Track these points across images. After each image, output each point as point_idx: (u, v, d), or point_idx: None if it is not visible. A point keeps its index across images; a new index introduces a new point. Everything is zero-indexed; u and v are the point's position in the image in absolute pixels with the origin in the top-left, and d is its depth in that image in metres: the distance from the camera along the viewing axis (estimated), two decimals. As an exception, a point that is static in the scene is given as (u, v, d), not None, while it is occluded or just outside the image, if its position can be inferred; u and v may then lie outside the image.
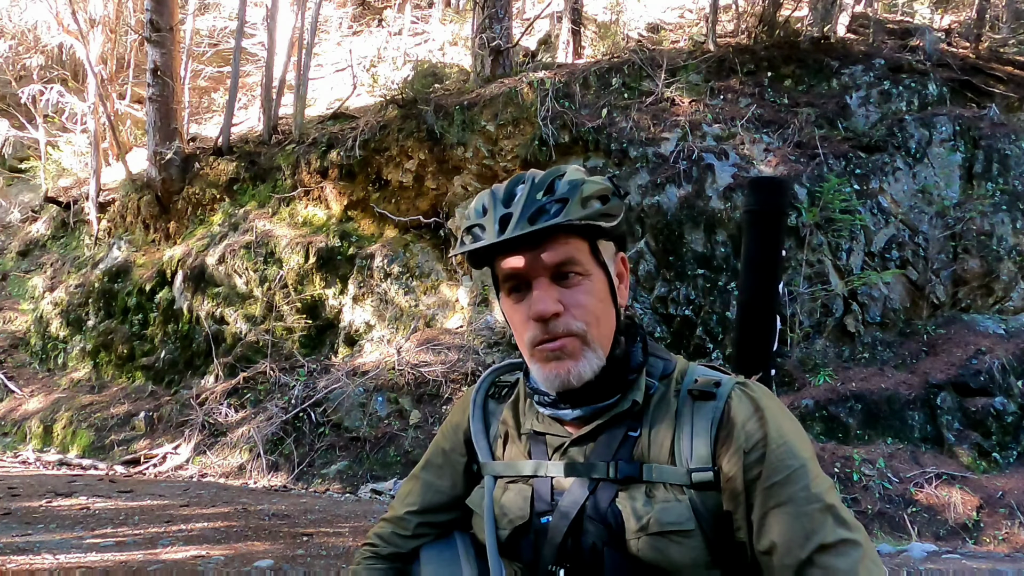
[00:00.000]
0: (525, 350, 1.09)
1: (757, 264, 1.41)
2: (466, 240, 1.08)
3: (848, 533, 0.94)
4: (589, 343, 1.04)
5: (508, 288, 1.08)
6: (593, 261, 1.07)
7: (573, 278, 1.05)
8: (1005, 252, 7.28)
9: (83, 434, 8.71)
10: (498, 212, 1.04)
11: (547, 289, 1.04)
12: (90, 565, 4.01)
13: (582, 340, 1.04)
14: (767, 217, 1.40)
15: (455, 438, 1.24)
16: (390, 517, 1.26)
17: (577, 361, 1.04)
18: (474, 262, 1.12)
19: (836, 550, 0.93)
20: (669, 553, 0.98)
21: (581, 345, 1.04)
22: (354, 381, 7.68)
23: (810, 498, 0.95)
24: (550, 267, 1.04)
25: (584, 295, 1.05)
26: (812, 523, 0.94)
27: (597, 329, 1.06)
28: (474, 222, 1.07)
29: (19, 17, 16.32)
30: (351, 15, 17.50)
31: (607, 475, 1.03)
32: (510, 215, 1.02)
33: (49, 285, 11.70)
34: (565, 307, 1.04)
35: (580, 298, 1.04)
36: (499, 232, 1.02)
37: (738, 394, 1.04)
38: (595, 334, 1.05)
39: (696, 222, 7.33)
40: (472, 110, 8.41)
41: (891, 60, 8.30)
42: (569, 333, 1.04)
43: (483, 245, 1.03)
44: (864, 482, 5.83)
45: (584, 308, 1.04)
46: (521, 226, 1.01)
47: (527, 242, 1.03)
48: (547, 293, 1.03)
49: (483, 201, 1.08)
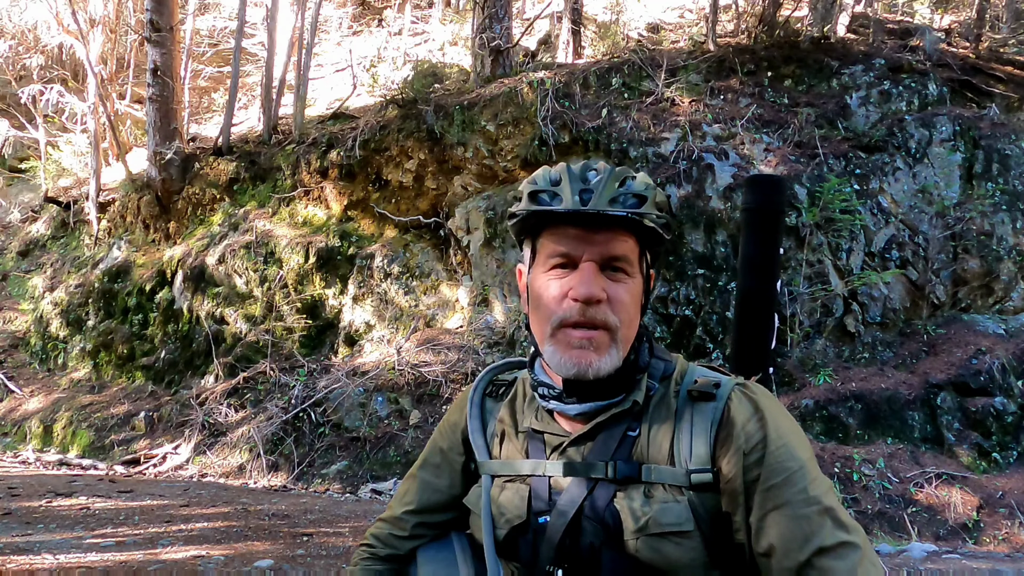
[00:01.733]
0: (546, 327, 1.07)
1: (755, 263, 1.41)
2: (529, 203, 1.06)
3: (847, 535, 0.94)
4: (616, 341, 1.05)
5: (555, 263, 1.06)
6: (639, 265, 1.08)
7: (620, 274, 1.06)
8: (1005, 252, 7.28)
9: (83, 434, 8.72)
10: (576, 185, 1.03)
11: (596, 275, 1.04)
12: (90, 565, 4.00)
13: (611, 336, 1.04)
14: (765, 215, 1.40)
15: (453, 437, 1.23)
16: (387, 517, 1.25)
17: (601, 356, 1.03)
18: (521, 228, 1.11)
19: (835, 553, 0.93)
20: (667, 553, 0.98)
21: (609, 341, 1.04)
22: (354, 381, 7.68)
23: (809, 500, 0.95)
24: (605, 256, 1.04)
25: (625, 293, 1.06)
26: (811, 525, 0.94)
27: (627, 329, 1.06)
28: (543, 188, 1.06)
29: (19, 17, 16.32)
30: (351, 15, 17.50)
31: (606, 475, 1.03)
32: (590, 192, 1.02)
33: (49, 285, 11.70)
34: (608, 298, 1.04)
35: (622, 294, 1.05)
36: (579, 203, 1.01)
37: (738, 395, 1.04)
38: (624, 334, 1.06)
39: (696, 222, 7.33)
40: (472, 110, 8.41)
41: (891, 60, 8.30)
42: (605, 325, 1.04)
43: (565, 209, 1.02)
44: (864, 482, 5.82)
45: (623, 305, 1.05)
46: (602, 206, 1.01)
47: (595, 222, 1.03)
48: (595, 278, 1.03)
49: (555, 172, 1.08)
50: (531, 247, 1.12)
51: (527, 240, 1.13)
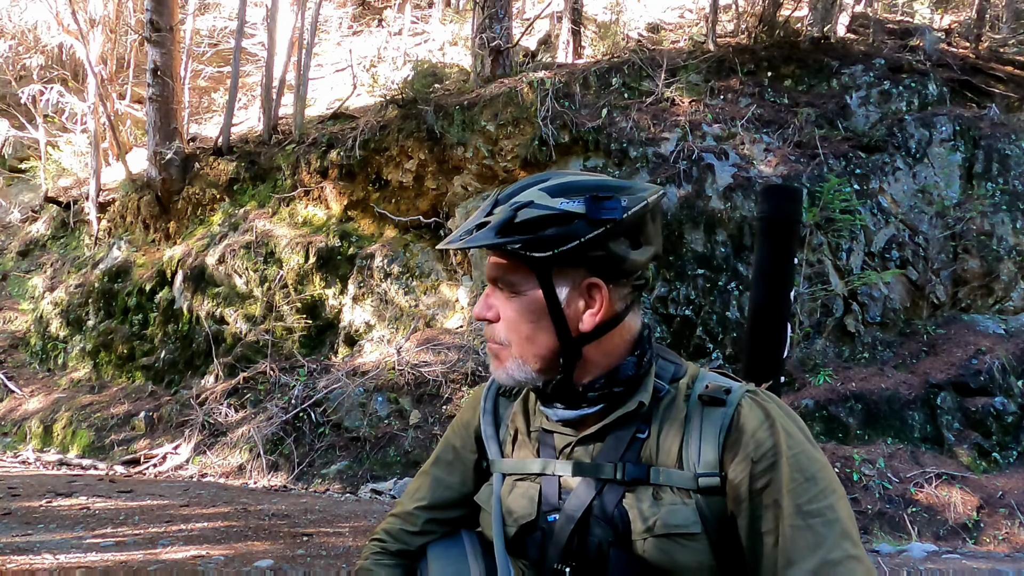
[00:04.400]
0: None
1: (769, 271, 1.41)
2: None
3: (853, 549, 0.94)
4: (513, 355, 1.07)
5: None
6: (531, 281, 1.05)
7: (506, 292, 1.08)
8: (1005, 252, 7.28)
9: (83, 434, 8.71)
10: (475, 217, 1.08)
11: (489, 295, 1.11)
12: (90, 565, 4.00)
13: (509, 350, 1.08)
14: (781, 225, 1.41)
15: (466, 435, 1.24)
16: (399, 512, 1.26)
17: (502, 364, 1.08)
18: None
19: (841, 567, 0.92)
20: (675, 555, 0.99)
21: (507, 354, 1.08)
22: (354, 381, 7.68)
23: (817, 511, 0.95)
24: (491, 277, 1.10)
25: (511, 311, 1.07)
26: (817, 537, 0.94)
27: (522, 347, 1.06)
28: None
29: (19, 17, 16.31)
30: (351, 15, 17.50)
31: (614, 476, 1.03)
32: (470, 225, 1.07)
33: (49, 285, 11.70)
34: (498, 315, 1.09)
35: (507, 312, 1.08)
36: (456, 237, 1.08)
37: (748, 402, 1.04)
38: (519, 351, 1.07)
39: (696, 222, 7.33)
40: (472, 110, 8.41)
41: (891, 60, 8.30)
42: (495, 341, 1.09)
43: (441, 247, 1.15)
44: (864, 482, 5.83)
45: (507, 322, 1.08)
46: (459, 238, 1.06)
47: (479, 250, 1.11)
48: (486, 298, 1.11)
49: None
50: None
51: None
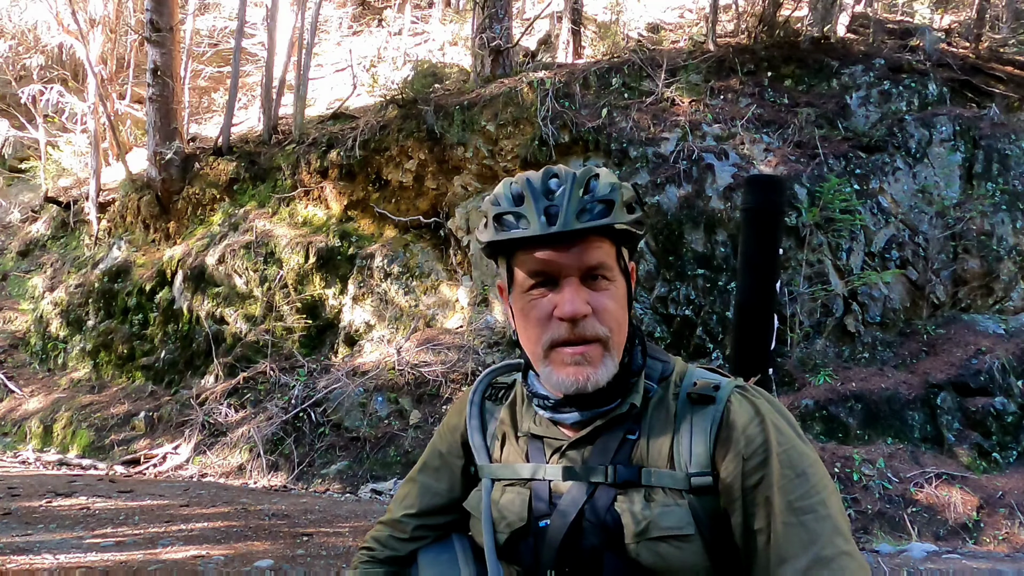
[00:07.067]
0: (538, 348, 1.05)
1: (754, 263, 1.40)
2: (494, 226, 1.04)
3: (846, 545, 0.93)
4: (609, 349, 1.03)
5: (533, 283, 1.03)
6: (618, 267, 1.05)
7: (602, 282, 1.03)
8: (1005, 252, 7.28)
9: (83, 434, 8.71)
10: (540, 203, 1.00)
11: (578, 290, 1.01)
12: (90, 565, 4.01)
13: (604, 346, 1.02)
14: (764, 215, 1.40)
15: (452, 440, 1.22)
16: (387, 520, 1.25)
17: (596, 368, 1.01)
18: (492, 251, 1.08)
19: (834, 563, 0.92)
20: (668, 557, 0.98)
21: (602, 352, 1.02)
22: (354, 381, 7.68)
23: (808, 508, 0.94)
24: (583, 268, 1.01)
25: (610, 300, 1.03)
26: (809, 534, 0.93)
27: (618, 336, 1.04)
28: (508, 210, 1.02)
29: (19, 17, 16.32)
30: (351, 15, 17.50)
31: (606, 479, 1.02)
32: (557, 208, 0.99)
33: (49, 285, 11.70)
34: (593, 310, 1.01)
35: (607, 303, 1.03)
36: (547, 224, 0.98)
37: (737, 398, 1.03)
38: (616, 340, 1.04)
39: (696, 222, 7.33)
40: (472, 110, 8.41)
41: (891, 60, 8.30)
42: (596, 338, 1.01)
43: (533, 235, 0.99)
44: (864, 482, 5.82)
45: (610, 313, 1.03)
46: (570, 221, 0.98)
47: (566, 239, 0.99)
48: (578, 294, 1.00)
49: (515, 190, 1.04)
50: (506, 266, 1.08)
51: (501, 260, 1.09)
